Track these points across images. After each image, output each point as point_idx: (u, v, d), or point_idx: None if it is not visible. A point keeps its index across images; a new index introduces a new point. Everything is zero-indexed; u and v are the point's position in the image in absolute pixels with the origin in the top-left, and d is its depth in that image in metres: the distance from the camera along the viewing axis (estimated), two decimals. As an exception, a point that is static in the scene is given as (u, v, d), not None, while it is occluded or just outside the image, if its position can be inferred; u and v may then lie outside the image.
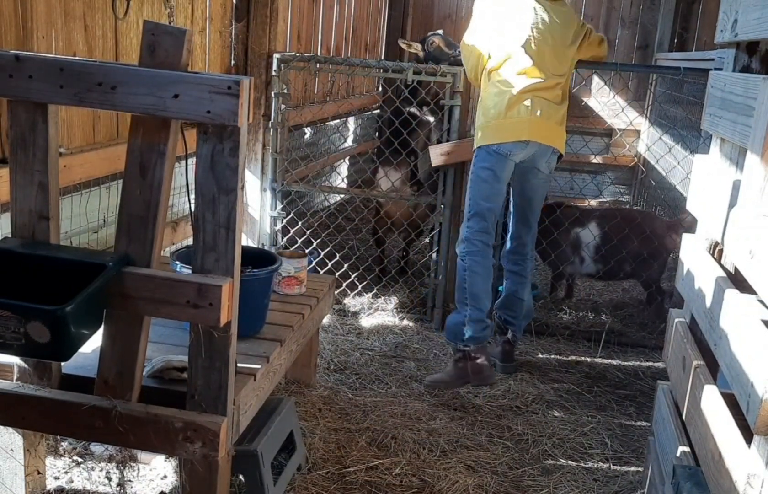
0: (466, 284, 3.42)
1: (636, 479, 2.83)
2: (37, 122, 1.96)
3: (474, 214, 3.43)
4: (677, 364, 2.22)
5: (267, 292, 2.54)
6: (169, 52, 1.89)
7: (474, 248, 3.42)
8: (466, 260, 3.43)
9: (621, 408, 3.45)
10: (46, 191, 2.00)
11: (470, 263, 3.42)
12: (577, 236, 4.44)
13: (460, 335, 3.46)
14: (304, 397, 3.20)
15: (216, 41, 4.06)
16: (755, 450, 1.44)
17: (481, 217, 3.42)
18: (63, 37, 2.82)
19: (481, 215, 3.42)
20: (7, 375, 2.11)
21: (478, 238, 3.42)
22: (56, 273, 1.94)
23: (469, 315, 3.42)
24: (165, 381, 2.13)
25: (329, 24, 6.13)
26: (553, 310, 4.54)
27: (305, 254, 3.16)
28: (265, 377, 2.34)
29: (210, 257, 1.94)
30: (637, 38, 7.71)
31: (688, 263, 2.29)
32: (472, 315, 3.42)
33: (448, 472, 2.75)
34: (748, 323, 1.55)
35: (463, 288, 3.45)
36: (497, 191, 3.45)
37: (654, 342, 4.16)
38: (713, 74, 2.26)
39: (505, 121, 3.39)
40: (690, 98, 5.60)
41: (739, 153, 1.98)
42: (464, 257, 3.44)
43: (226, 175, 1.89)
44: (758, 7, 1.86)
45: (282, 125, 4.25)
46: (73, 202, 2.93)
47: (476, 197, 3.43)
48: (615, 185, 7.70)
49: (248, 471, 2.35)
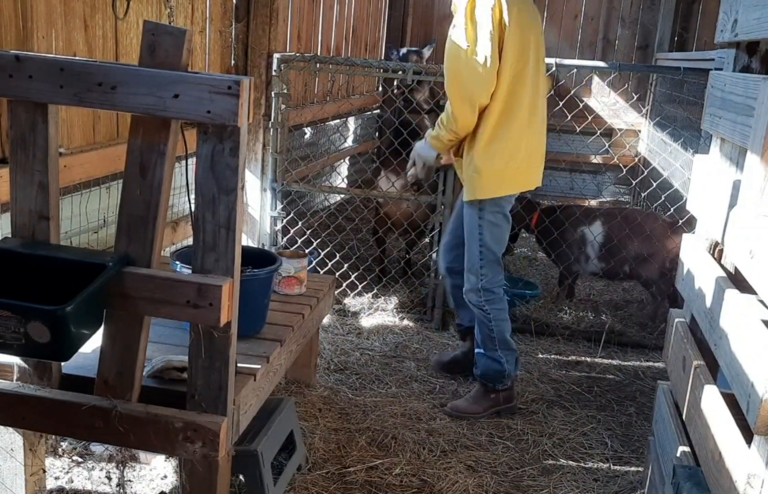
0: (494, 334, 3.18)
1: (636, 479, 2.83)
2: (37, 122, 1.96)
3: (489, 261, 3.14)
4: (677, 364, 2.22)
5: (267, 292, 2.54)
6: (169, 52, 1.89)
7: (494, 297, 3.16)
8: (487, 310, 3.16)
9: (621, 408, 3.45)
10: (46, 191, 2.00)
11: (494, 313, 3.16)
12: (586, 235, 4.46)
13: (501, 379, 3.23)
14: (304, 397, 3.20)
15: (216, 41, 4.06)
16: (755, 450, 1.44)
17: (497, 263, 3.17)
18: (63, 37, 2.82)
19: (497, 261, 3.17)
20: (7, 375, 2.11)
21: (498, 285, 3.18)
22: (56, 273, 1.94)
23: (506, 359, 3.21)
24: (165, 381, 2.13)
25: (329, 24, 6.13)
26: (553, 310, 4.54)
27: (305, 254, 3.14)
28: (265, 377, 2.35)
29: (210, 257, 1.94)
30: (637, 38, 7.71)
31: (688, 263, 2.29)
32: (508, 358, 3.22)
33: (448, 472, 2.76)
34: (748, 323, 1.55)
35: (491, 337, 3.19)
36: (507, 230, 3.21)
37: (654, 342, 4.16)
38: (713, 74, 2.26)
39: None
40: (690, 98, 5.60)
41: (739, 153, 1.98)
42: (484, 307, 3.15)
43: (226, 175, 1.89)
44: (758, 7, 1.86)
45: (282, 125, 4.25)
46: (73, 202, 2.93)
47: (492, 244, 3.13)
48: (615, 185, 7.71)
49: (248, 471, 2.35)
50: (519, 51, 2.91)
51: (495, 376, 3.21)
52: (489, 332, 3.19)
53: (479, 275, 3.13)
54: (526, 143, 3.05)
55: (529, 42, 2.95)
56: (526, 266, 5.60)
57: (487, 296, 3.14)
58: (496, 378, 3.21)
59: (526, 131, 3.03)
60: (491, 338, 3.19)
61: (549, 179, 7.73)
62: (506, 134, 2.98)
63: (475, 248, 3.13)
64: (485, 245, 3.11)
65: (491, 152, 2.99)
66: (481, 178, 3.01)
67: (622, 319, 4.53)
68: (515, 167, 3.04)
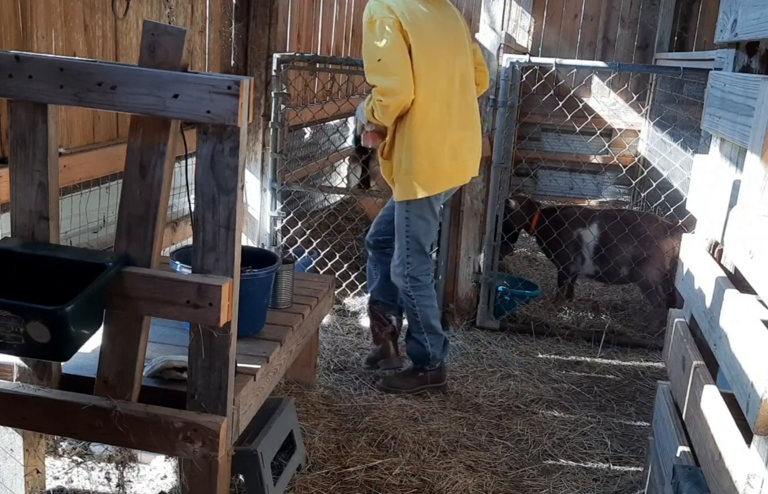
0: (419, 318, 3.36)
1: (636, 479, 2.83)
2: (37, 122, 1.96)
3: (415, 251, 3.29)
4: (677, 364, 2.22)
5: (267, 292, 2.54)
6: (169, 52, 1.89)
7: (419, 284, 3.33)
8: (412, 295, 3.33)
9: (621, 408, 3.45)
10: (46, 191, 2.00)
11: (418, 299, 3.33)
12: (584, 236, 4.46)
13: (426, 360, 3.41)
14: (304, 397, 3.20)
15: (216, 41, 4.06)
16: (755, 450, 1.45)
17: (422, 253, 3.31)
18: (63, 37, 2.82)
19: (422, 251, 3.31)
20: (7, 375, 2.11)
21: (424, 274, 3.35)
22: (56, 273, 1.94)
23: (431, 342, 3.39)
24: (165, 380, 2.13)
25: (329, 24, 6.13)
26: (552, 310, 4.54)
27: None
28: (265, 377, 2.34)
29: (210, 257, 1.94)
30: (637, 38, 7.71)
31: (688, 263, 2.29)
32: (433, 342, 3.39)
33: (448, 472, 2.76)
34: (748, 323, 1.55)
35: (416, 321, 3.38)
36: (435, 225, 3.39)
37: (654, 342, 4.16)
38: (713, 74, 2.26)
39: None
40: (690, 98, 5.60)
41: (739, 153, 1.98)
42: (410, 292, 3.32)
43: (226, 175, 1.89)
44: (758, 7, 1.86)
45: (282, 124, 4.25)
46: (73, 202, 2.93)
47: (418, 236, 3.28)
48: (615, 185, 7.71)
49: (248, 471, 2.35)
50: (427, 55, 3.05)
51: (420, 357, 3.41)
52: (414, 316, 3.39)
53: (405, 264, 3.31)
54: (450, 141, 3.18)
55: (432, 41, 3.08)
56: (526, 266, 5.60)
57: (413, 284, 3.33)
58: (421, 359, 3.42)
59: (445, 130, 3.16)
60: (416, 322, 3.39)
61: (549, 179, 7.74)
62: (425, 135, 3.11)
63: (402, 240, 3.29)
64: (411, 236, 3.28)
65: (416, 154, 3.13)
66: (410, 180, 3.16)
67: (622, 319, 4.53)
68: (440, 167, 3.18)
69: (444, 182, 3.24)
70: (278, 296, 2.75)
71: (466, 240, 4.29)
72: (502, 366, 3.78)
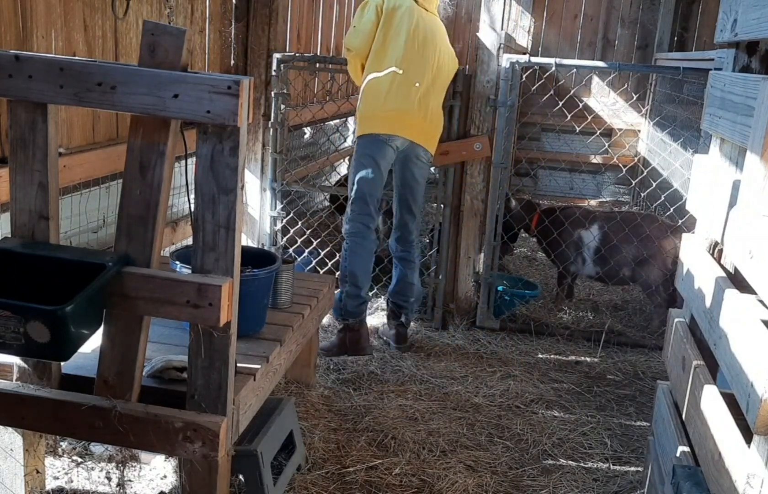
0: (347, 264, 3.62)
1: (636, 479, 2.83)
2: (37, 122, 1.96)
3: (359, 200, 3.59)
4: (677, 364, 2.22)
5: (267, 292, 2.54)
6: (169, 52, 1.89)
7: (355, 231, 3.61)
8: (347, 242, 3.63)
9: (621, 408, 3.45)
10: (46, 191, 2.00)
11: (350, 245, 3.62)
12: (584, 237, 4.46)
13: (338, 311, 3.65)
14: (304, 397, 3.20)
15: (216, 41, 4.06)
16: (755, 450, 1.45)
17: (362, 201, 3.59)
18: (63, 37, 2.82)
19: (362, 199, 3.58)
20: (7, 375, 2.11)
21: (362, 223, 3.61)
22: (56, 273, 1.94)
23: (347, 292, 3.63)
24: (165, 380, 2.13)
25: (329, 24, 6.13)
26: (552, 310, 4.54)
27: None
28: (265, 377, 2.34)
29: (210, 257, 1.94)
30: (637, 38, 7.72)
31: (688, 263, 2.29)
32: (349, 292, 3.63)
33: (448, 472, 2.75)
34: (748, 323, 1.55)
35: (344, 267, 3.65)
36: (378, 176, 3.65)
37: (654, 342, 4.16)
38: (713, 74, 2.26)
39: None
40: (690, 98, 5.60)
41: (739, 153, 1.98)
42: (347, 239, 3.63)
43: (226, 175, 1.89)
44: (758, 7, 1.86)
45: (282, 124, 4.25)
46: (73, 202, 2.93)
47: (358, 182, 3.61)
48: (615, 185, 7.71)
49: (248, 471, 2.35)
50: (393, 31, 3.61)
51: (337, 305, 3.64)
52: (343, 262, 3.66)
53: (350, 210, 3.62)
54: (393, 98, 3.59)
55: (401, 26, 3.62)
56: (526, 266, 5.60)
57: (351, 229, 3.62)
58: (336, 309, 3.65)
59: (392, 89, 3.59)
60: (343, 268, 3.66)
61: (549, 179, 7.74)
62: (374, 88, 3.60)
63: (350, 184, 3.65)
64: (353, 180, 3.61)
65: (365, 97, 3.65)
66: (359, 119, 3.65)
67: (622, 319, 4.53)
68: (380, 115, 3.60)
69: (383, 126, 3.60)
70: (278, 296, 2.75)
71: (466, 240, 4.29)
72: (502, 366, 3.78)
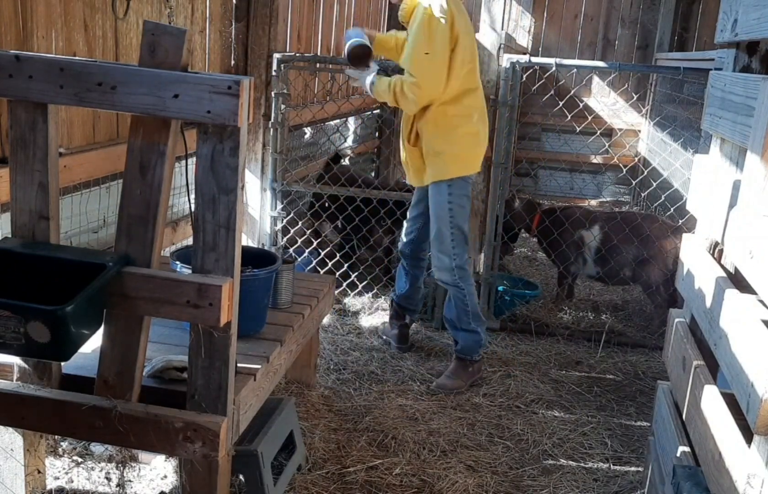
0: (469, 308, 3.45)
1: (636, 479, 2.83)
2: (37, 122, 1.96)
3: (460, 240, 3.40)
4: (677, 364, 2.22)
5: (267, 292, 2.53)
6: (169, 52, 1.89)
7: (466, 273, 3.45)
8: (462, 286, 3.42)
9: (621, 408, 3.45)
10: (46, 191, 2.00)
11: (467, 288, 3.44)
12: (585, 237, 4.46)
13: (477, 349, 3.51)
14: (304, 397, 3.20)
15: (216, 41, 4.06)
16: (755, 450, 1.45)
17: (465, 241, 3.44)
18: (63, 37, 2.82)
19: (465, 240, 3.44)
20: (7, 375, 2.11)
21: (467, 263, 3.49)
22: (56, 273, 1.94)
23: (481, 329, 3.50)
24: (165, 380, 2.13)
25: (329, 24, 6.12)
26: (553, 310, 4.54)
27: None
28: (265, 377, 2.34)
29: (210, 257, 1.94)
30: (637, 38, 7.72)
31: (688, 263, 2.29)
32: (481, 328, 3.51)
33: (448, 472, 2.75)
34: (748, 323, 1.55)
35: (466, 311, 3.45)
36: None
37: (654, 342, 4.16)
38: (713, 74, 2.26)
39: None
40: (690, 98, 5.60)
41: (739, 153, 1.98)
42: (460, 284, 3.42)
43: (226, 175, 1.89)
44: (758, 7, 1.86)
45: (282, 124, 4.25)
46: (73, 202, 2.93)
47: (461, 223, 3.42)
48: (615, 185, 7.72)
49: (248, 471, 2.35)
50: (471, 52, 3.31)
51: (475, 346, 3.48)
52: (464, 307, 3.44)
53: (452, 256, 3.39)
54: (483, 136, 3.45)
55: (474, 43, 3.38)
56: (526, 266, 5.60)
57: (461, 274, 3.41)
58: (475, 348, 3.49)
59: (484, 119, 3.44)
60: (466, 312, 3.45)
61: (549, 178, 7.75)
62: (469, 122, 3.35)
63: (446, 231, 3.38)
64: (456, 226, 3.37)
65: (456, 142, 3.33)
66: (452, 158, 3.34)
67: (622, 319, 4.53)
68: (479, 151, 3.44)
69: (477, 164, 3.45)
70: (278, 296, 2.75)
71: (466, 240, 4.29)
72: (502, 366, 3.78)
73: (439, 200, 3.37)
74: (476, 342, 3.48)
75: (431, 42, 3.14)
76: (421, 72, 3.17)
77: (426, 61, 3.17)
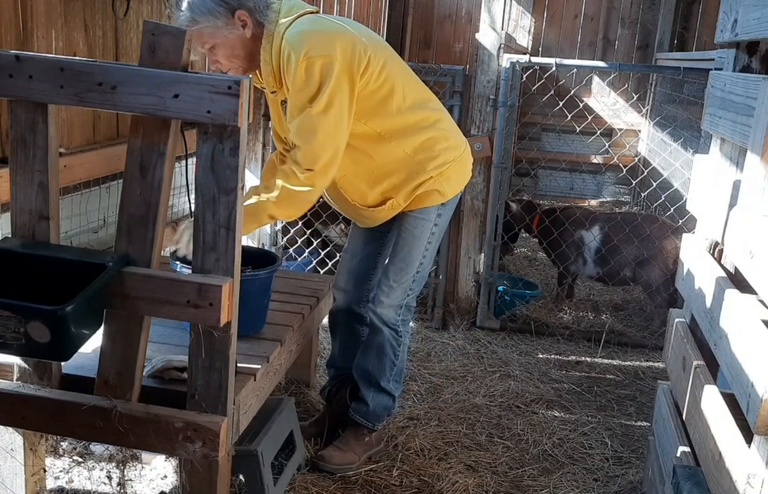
0: (397, 361, 2.72)
1: (636, 479, 2.83)
2: (37, 122, 1.96)
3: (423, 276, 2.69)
4: (677, 364, 2.22)
5: (267, 292, 2.54)
6: (169, 52, 1.89)
7: (410, 317, 2.76)
8: (401, 332, 2.70)
9: (621, 408, 3.45)
10: (46, 191, 2.00)
11: (404, 336, 2.73)
12: (585, 237, 4.46)
13: (387, 415, 2.81)
14: (304, 397, 3.20)
15: (216, 41, 4.05)
16: (755, 450, 1.45)
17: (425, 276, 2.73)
18: (63, 37, 2.82)
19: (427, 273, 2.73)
20: (7, 375, 2.11)
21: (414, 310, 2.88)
22: (56, 273, 1.94)
23: (396, 396, 2.81)
24: (165, 380, 2.13)
25: (329, 24, 6.11)
26: (553, 310, 4.54)
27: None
28: (265, 377, 2.35)
29: (210, 257, 1.94)
30: (637, 38, 7.72)
31: (689, 263, 2.29)
32: (397, 394, 2.81)
33: (448, 472, 2.75)
34: (748, 323, 1.55)
35: (392, 366, 2.71)
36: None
37: (654, 342, 4.16)
38: (713, 74, 2.26)
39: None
40: (690, 98, 5.60)
41: (739, 153, 1.99)
42: (399, 328, 2.68)
43: (226, 175, 1.89)
44: (758, 7, 1.86)
45: (282, 124, 4.24)
46: (73, 202, 2.93)
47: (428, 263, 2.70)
48: (615, 185, 7.71)
49: (248, 471, 2.35)
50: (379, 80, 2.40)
51: (382, 414, 2.77)
52: (392, 359, 2.70)
53: (407, 290, 2.65)
54: (456, 131, 2.67)
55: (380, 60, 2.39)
56: (526, 266, 5.60)
57: (405, 316, 2.70)
58: (383, 416, 2.77)
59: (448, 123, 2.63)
60: (392, 367, 2.71)
61: (549, 179, 7.74)
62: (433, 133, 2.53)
63: (414, 261, 2.61)
64: (429, 257, 2.66)
65: (439, 156, 2.53)
66: (440, 178, 2.55)
67: (622, 319, 4.53)
68: (465, 161, 2.66)
69: (467, 174, 2.71)
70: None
71: (466, 240, 4.29)
72: (502, 366, 3.78)
73: (417, 233, 2.60)
74: (386, 409, 2.76)
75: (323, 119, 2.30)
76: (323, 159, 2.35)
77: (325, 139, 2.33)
